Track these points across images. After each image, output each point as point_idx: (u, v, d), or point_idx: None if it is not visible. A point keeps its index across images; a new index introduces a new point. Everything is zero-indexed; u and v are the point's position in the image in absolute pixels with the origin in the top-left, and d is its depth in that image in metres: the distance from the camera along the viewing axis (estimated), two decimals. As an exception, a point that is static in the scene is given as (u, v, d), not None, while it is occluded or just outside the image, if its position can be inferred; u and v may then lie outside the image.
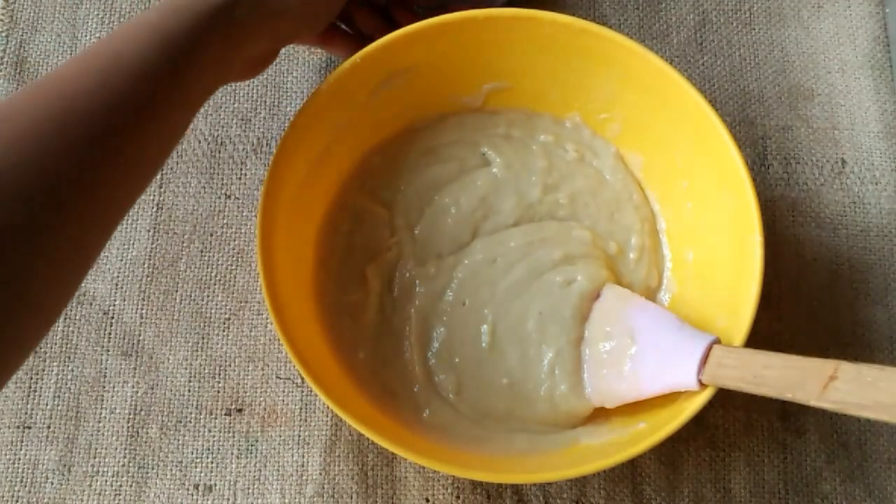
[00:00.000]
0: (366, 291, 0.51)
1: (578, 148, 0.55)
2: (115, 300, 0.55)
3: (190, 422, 0.53)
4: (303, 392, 0.53)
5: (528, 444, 0.48)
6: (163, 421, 0.53)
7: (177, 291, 0.55)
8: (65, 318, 0.54)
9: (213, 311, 0.55)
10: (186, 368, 0.54)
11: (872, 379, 0.34)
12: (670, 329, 0.45)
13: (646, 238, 0.53)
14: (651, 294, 0.53)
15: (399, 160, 0.54)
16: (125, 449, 0.52)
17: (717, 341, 0.43)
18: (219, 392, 0.53)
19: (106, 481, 0.52)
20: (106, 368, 0.54)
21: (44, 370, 0.54)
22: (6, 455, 0.52)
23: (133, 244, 0.56)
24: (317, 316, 0.50)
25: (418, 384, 0.49)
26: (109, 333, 0.54)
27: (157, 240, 0.56)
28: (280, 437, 0.52)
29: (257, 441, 0.52)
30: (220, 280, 0.56)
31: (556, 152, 0.55)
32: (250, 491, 0.51)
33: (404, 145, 0.55)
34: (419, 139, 0.55)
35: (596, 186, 0.54)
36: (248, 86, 0.60)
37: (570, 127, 0.56)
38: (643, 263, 0.53)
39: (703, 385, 0.42)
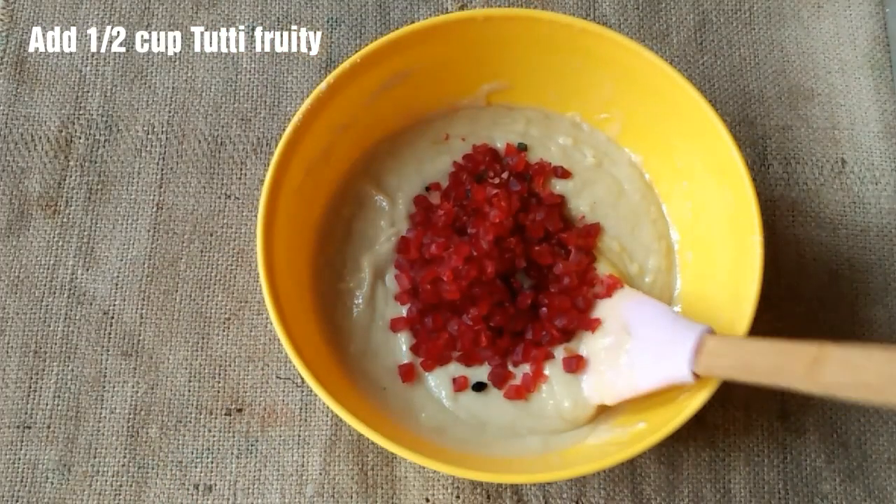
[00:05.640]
0: (359, 280, 0.51)
1: (597, 154, 0.55)
2: (115, 300, 0.55)
3: (190, 422, 0.53)
4: (303, 392, 0.53)
5: (542, 444, 0.48)
6: (163, 421, 0.53)
7: (177, 291, 0.55)
8: (65, 318, 0.54)
9: (213, 311, 0.55)
10: (186, 368, 0.54)
11: (858, 359, 0.34)
12: (665, 322, 0.45)
13: (662, 259, 0.53)
14: None
15: (407, 147, 0.54)
16: (125, 449, 0.52)
17: (710, 331, 0.43)
18: (219, 392, 0.53)
19: (106, 481, 0.52)
20: (106, 368, 0.54)
21: (44, 370, 0.54)
22: (6, 455, 0.52)
23: (133, 244, 0.56)
24: (313, 306, 0.50)
25: (410, 384, 0.50)
26: (109, 333, 0.54)
27: (157, 240, 0.56)
28: (280, 437, 0.52)
29: (257, 441, 0.52)
30: (220, 280, 0.56)
31: (574, 156, 0.55)
32: (250, 491, 0.51)
33: (414, 134, 0.55)
34: (430, 129, 0.55)
35: (616, 197, 0.54)
36: (248, 86, 0.60)
37: (587, 130, 0.55)
38: (657, 286, 0.52)
39: (697, 377, 0.42)
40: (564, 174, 0.54)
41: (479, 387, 0.49)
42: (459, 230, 0.51)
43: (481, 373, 0.50)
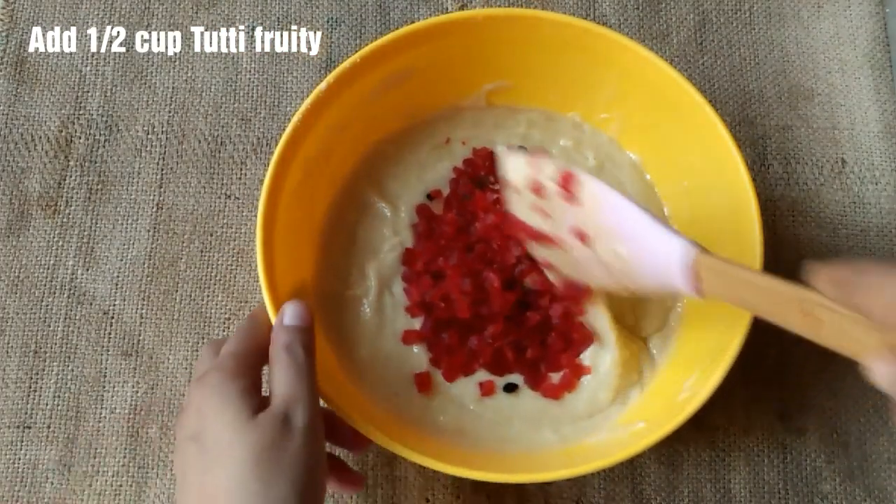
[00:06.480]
0: (365, 288, 0.51)
1: (598, 156, 0.54)
2: (115, 300, 0.55)
3: (190, 422, 0.53)
4: (303, 392, 0.53)
5: (555, 437, 0.48)
6: (163, 421, 0.53)
7: (177, 291, 0.55)
8: (65, 318, 0.54)
9: (213, 311, 0.55)
10: (186, 368, 0.54)
11: (851, 317, 0.33)
12: (651, 232, 0.42)
13: None
14: (665, 312, 0.52)
15: (410, 152, 0.54)
16: (125, 449, 0.52)
17: (699, 249, 0.40)
18: (219, 392, 0.53)
19: (106, 481, 0.52)
20: (106, 368, 0.54)
21: (44, 370, 0.54)
22: (6, 455, 0.52)
23: (133, 244, 0.56)
24: (317, 309, 0.49)
25: (429, 390, 0.49)
26: (109, 333, 0.54)
27: (157, 240, 0.56)
28: (280, 437, 0.52)
29: (257, 441, 0.52)
30: (220, 280, 0.55)
31: (576, 158, 0.54)
32: (250, 491, 0.51)
33: (416, 137, 0.54)
34: (432, 132, 0.54)
35: None
36: (248, 86, 0.60)
37: (588, 131, 0.55)
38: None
39: (697, 293, 0.41)
40: None
41: (511, 388, 0.49)
42: (465, 243, 0.51)
43: (512, 376, 0.50)
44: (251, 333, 0.43)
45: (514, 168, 0.47)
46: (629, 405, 0.49)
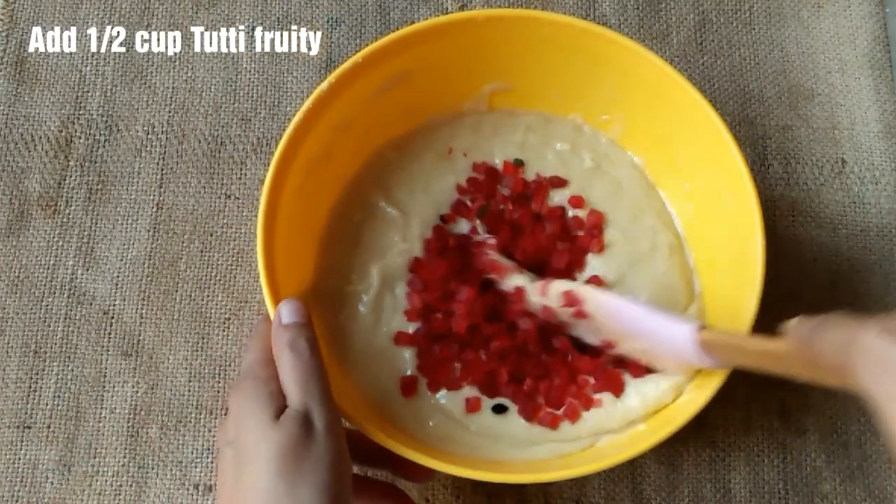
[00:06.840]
0: (367, 285, 0.50)
1: (595, 156, 0.54)
2: (115, 300, 0.55)
3: (190, 422, 0.53)
4: (303, 392, 0.53)
5: (549, 452, 0.48)
6: (163, 421, 0.53)
7: (177, 291, 0.55)
8: (65, 318, 0.54)
9: (213, 311, 0.55)
10: (186, 368, 0.54)
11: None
12: (660, 325, 0.44)
13: (672, 237, 0.52)
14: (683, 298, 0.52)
15: (414, 160, 0.54)
16: (125, 449, 0.52)
17: (700, 327, 0.42)
18: (219, 392, 0.53)
19: (106, 481, 0.52)
20: (106, 368, 0.54)
21: (44, 370, 0.54)
22: (6, 455, 0.52)
23: (133, 244, 0.56)
24: (314, 305, 0.49)
25: (417, 395, 0.49)
26: (109, 333, 0.54)
27: (157, 240, 0.56)
28: (280, 437, 0.52)
29: (257, 441, 0.52)
30: (220, 280, 0.55)
31: (571, 161, 0.54)
32: (250, 491, 0.51)
33: (419, 144, 0.54)
34: (434, 139, 0.54)
35: (614, 194, 0.53)
36: (248, 86, 0.60)
37: (588, 133, 0.55)
38: (674, 263, 0.51)
39: (718, 366, 0.43)
40: (559, 183, 0.53)
41: (500, 409, 0.48)
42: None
43: (503, 399, 0.49)
44: (268, 336, 0.44)
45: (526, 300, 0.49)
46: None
